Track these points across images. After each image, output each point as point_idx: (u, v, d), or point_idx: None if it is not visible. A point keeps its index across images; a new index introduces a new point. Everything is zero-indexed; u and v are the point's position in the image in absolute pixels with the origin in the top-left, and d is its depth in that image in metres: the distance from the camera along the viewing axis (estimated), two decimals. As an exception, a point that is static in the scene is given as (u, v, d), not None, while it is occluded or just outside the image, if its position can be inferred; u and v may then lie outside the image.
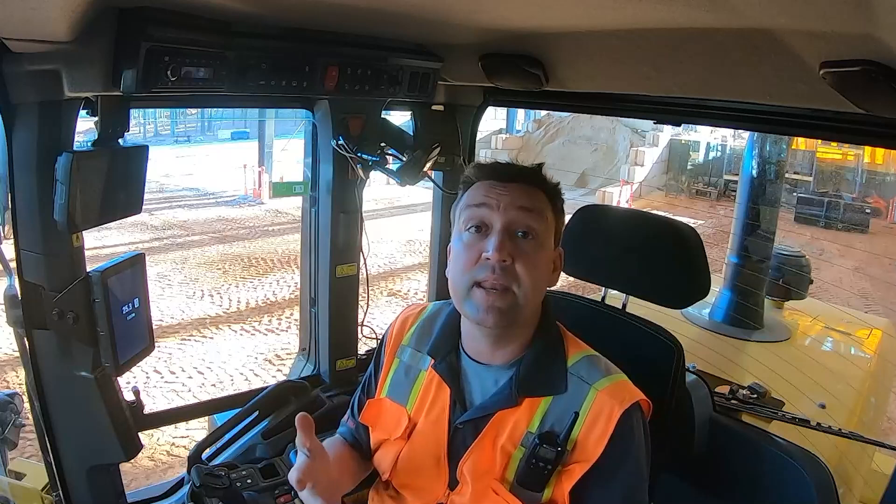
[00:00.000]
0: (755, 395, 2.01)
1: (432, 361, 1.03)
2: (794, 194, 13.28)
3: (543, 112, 14.72)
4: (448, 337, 1.04)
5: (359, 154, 1.51)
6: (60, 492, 1.21)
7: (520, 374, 0.96)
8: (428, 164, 1.60)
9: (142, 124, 19.90)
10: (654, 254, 1.18)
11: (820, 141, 11.62)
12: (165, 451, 4.04)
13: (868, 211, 13.00)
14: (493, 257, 0.91)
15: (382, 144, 1.59)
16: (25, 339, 1.12)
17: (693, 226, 1.18)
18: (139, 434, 1.29)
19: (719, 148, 15.49)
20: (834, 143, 13.11)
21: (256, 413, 1.56)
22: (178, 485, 1.46)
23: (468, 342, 1.01)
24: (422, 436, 1.01)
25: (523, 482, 0.91)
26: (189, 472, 1.37)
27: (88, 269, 1.14)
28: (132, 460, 1.27)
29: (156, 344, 1.33)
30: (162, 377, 5.00)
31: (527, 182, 0.98)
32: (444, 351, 1.03)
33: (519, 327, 0.97)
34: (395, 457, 1.02)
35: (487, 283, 0.92)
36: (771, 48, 0.84)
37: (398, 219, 10.75)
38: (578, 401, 0.92)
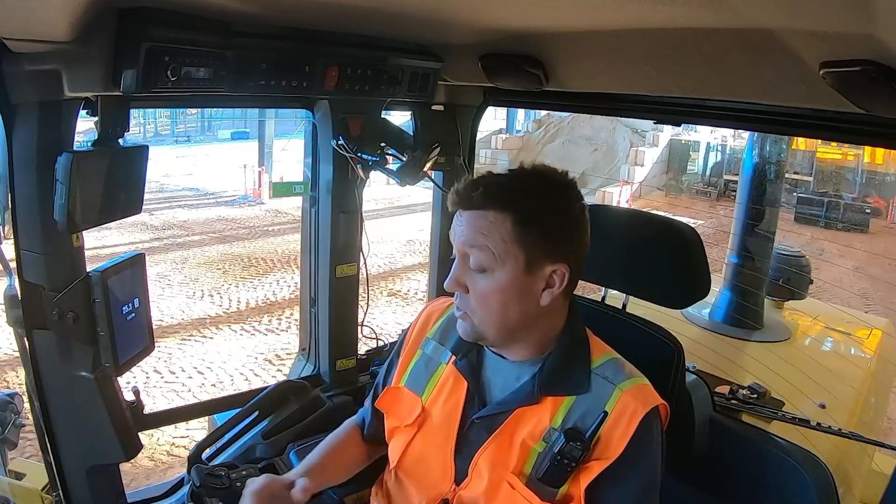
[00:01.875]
0: (755, 395, 2.01)
1: (453, 357, 1.04)
2: (794, 194, 13.29)
3: (543, 112, 14.71)
4: None
5: (359, 154, 1.51)
6: (60, 492, 1.21)
7: (543, 373, 0.96)
8: (428, 164, 1.60)
9: (142, 124, 19.88)
10: (654, 254, 1.18)
11: (820, 141, 11.62)
12: (165, 451, 4.04)
13: (868, 211, 13.00)
14: (446, 286, 0.95)
15: (382, 144, 1.59)
16: (25, 339, 1.12)
17: (693, 226, 1.18)
18: (139, 434, 1.29)
19: (719, 148, 15.49)
20: (834, 143, 13.11)
21: (256, 413, 1.56)
22: (178, 485, 1.46)
23: None
24: (433, 426, 1.01)
25: (544, 477, 0.91)
26: (189, 472, 1.37)
27: (88, 269, 1.14)
28: (132, 460, 1.27)
29: (156, 344, 1.33)
30: (162, 377, 5.00)
31: (484, 207, 0.91)
32: (465, 349, 1.03)
33: (517, 337, 0.97)
34: (405, 445, 1.03)
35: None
36: (771, 48, 0.84)
37: (398, 219, 10.75)
38: (603, 399, 0.93)
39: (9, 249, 1.11)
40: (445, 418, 1.00)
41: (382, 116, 1.61)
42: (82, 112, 1.07)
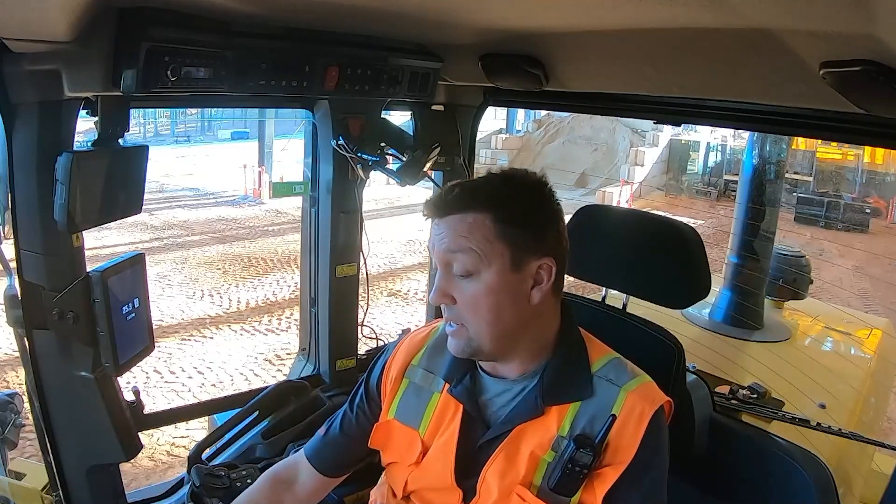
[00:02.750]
0: (755, 395, 2.01)
1: (447, 385, 1.01)
2: (794, 194, 13.30)
3: (543, 112, 14.71)
4: (462, 360, 1.00)
5: (359, 154, 1.51)
6: (60, 492, 1.21)
7: (544, 384, 0.94)
8: (428, 164, 1.60)
9: (142, 124, 19.89)
10: (655, 254, 1.18)
11: (820, 141, 11.63)
12: (165, 451, 4.04)
13: (868, 211, 13.02)
14: (432, 300, 0.93)
15: (382, 144, 1.59)
16: (25, 339, 1.12)
17: (693, 226, 1.18)
18: (139, 434, 1.29)
19: (719, 148, 15.50)
20: (834, 143, 13.12)
21: (256, 413, 1.56)
22: (178, 485, 1.46)
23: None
24: (433, 458, 0.99)
25: (556, 487, 0.89)
26: (189, 472, 1.37)
27: (88, 269, 1.14)
28: (132, 460, 1.27)
29: (156, 344, 1.33)
30: (162, 377, 5.00)
31: (462, 210, 0.90)
32: (459, 374, 1.00)
33: (512, 346, 0.95)
34: (405, 477, 1.01)
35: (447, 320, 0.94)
36: (771, 48, 0.84)
37: (398, 219, 10.75)
38: (609, 402, 0.91)
39: (9, 249, 1.11)
40: (443, 447, 0.98)
41: (382, 116, 1.61)
42: (82, 112, 1.07)
